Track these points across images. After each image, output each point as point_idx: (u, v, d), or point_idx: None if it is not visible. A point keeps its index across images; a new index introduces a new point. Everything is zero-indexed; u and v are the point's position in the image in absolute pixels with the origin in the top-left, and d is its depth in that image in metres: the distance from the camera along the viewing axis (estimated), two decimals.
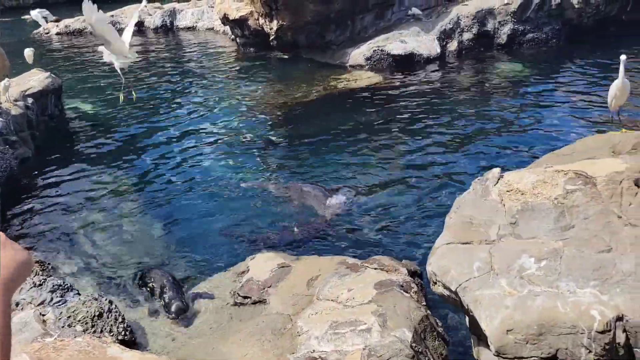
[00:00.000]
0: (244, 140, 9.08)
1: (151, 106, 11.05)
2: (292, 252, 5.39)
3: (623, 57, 4.86)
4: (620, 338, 2.44)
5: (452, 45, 12.80)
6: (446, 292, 3.08)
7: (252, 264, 4.67)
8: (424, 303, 3.86)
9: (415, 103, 10.06)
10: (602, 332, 2.44)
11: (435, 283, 3.19)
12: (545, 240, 3.05)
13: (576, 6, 12.88)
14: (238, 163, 8.17)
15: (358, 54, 12.57)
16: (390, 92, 10.82)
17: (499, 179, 3.72)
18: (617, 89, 5.58)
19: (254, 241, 6.04)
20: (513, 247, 3.05)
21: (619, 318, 2.45)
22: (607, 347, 2.44)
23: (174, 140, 9.20)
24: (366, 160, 7.88)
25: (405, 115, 9.50)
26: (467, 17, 12.74)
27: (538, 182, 3.51)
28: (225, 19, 14.86)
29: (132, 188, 7.55)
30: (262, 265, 4.59)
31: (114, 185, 7.62)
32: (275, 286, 4.26)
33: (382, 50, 12.37)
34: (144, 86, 12.39)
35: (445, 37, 12.75)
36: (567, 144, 4.17)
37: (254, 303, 4.20)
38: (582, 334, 2.48)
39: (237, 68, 13.78)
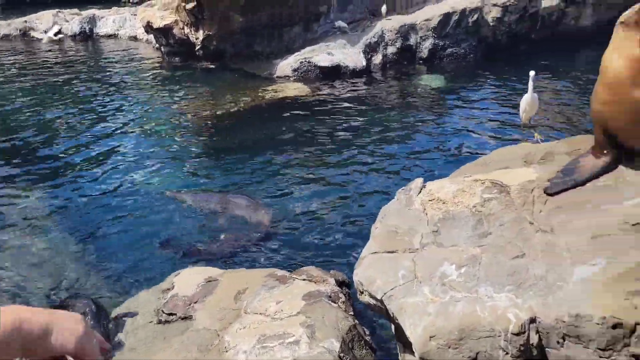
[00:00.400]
0: (168, 151, 8.85)
1: (68, 117, 10.53)
2: (219, 266, 5.29)
3: (532, 73, 5.17)
4: (534, 339, 2.57)
5: (377, 58, 13.16)
6: (372, 301, 3.13)
7: (177, 280, 4.53)
8: (352, 313, 3.90)
9: (342, 114, 10.23)
10: (517, 334, 2.56)
11: (362, 292, 3.23)
12: (465, 248, 3.17)
13: (491, 24, 13.63)
14: (162, 175, 7.94)
15: (286, 65, 12.64)
16: (317, 103, 10.95)
17: (421, 189, 3.83)
18: (526, 103, 5.95)
19: (180, 256, 5.88)
20: (435, 255, 3.15)
21: (532, 320, 2.59)
22: (522, 348, 2.57)
23: (93, 153, 8.82)
24: (294, 170, 7.90)
25: (333, 126, 9.63)
26: (391, 31, 13.16)
27: (458, 191, 3.65)
28: (148, 27, 14.48)
29: (47, 205, 7.14)
30: (187, 280, 4.46)
31: (24, 202, 7.17)
32: (202, 301, 4.15)
33: (309, 62, 12.51)
34: (60, 97, 11.80)
35: (370, 50, 13.09)
36: (485, 154, 4.36)
37: (180, 319, 4.08)
38: (499, 336, 2.59)
39: (162, 78, 13.45)
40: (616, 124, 3.21)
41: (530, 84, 5.08)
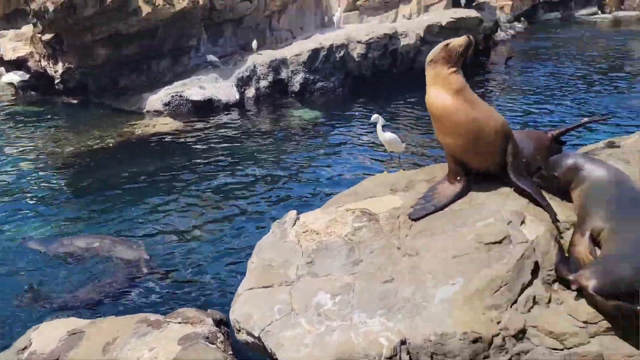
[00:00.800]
0: (26, 194, 8.10)
1: None
2: (86, 315, 4.89)
3: (374, 117, 4.92)
4: None
5: (250, 92, 13.27)
6: (250, 339, 3.08)
7: (35, 335, 4.11)
8: (231, 352, 3.80)
9: (216, 148, 10.12)
10: (390, 358, 2.66)
11: (240, 331, 3.17)
12: (338, 276, 3.25)
13: (356, 60, 14.42)
14: (20, 221, 7.24)
15: (155, 100, 12.27)
16: (190, 137, 10.73)
17: (296, 221, 3.89)
18: (383, 142, 6.20)
19: (41, 308, 5.35)
20: (310, 285, 3.19)
21: (403, 342, 2.71)
22: None
23: None
24: (168, 207, 7.62)
25: (206, 160, 9.48)
26: (263, 65, 13.38)
27: (331, 222, 3.75)
28: None
29: None
30: (48, 334, 4.06)
31: None
32: (65, 357, 3.80)
33: (180, 96, 12.27)
34: None
35: (243, 84, 13.18)
36: (355, 183, 4.53)
37: None
38: None
39: (16, 114, 12.34)
40: (458, 150, 3.54)
41: (378, 127, 5.08)
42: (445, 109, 3.49)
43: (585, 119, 4.42)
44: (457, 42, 3.54)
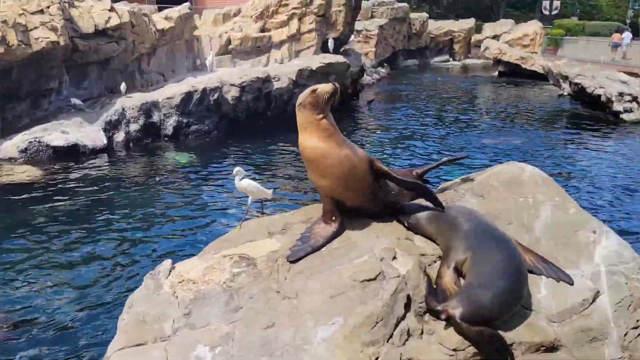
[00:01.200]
0: None
1: None
2: None
3: (236, 171, 4.38)
4: None
5: (119, 136, 12.70)
6: None
7: None
8: None
9: (80, 197, 9.45)
10: None
11: None
12: (217, 326, 3.14)
13: (230, 102, 14.48)
14: None
15: (11, 146, 11.25)
16: (51, 186, 9.93)
17: (170, 271, 3.72)
18: (240, 190, 5.46)
19: None
20: (188, 339, 3.05)
21: None
22: None
23: None
24: (24, 266, 6.90)
25: (70, 210, 8.81)
26: (133, 108, 12.91)
27: (208, 269, 3.64)
28: None
29: None
30: None
31: None
32: None
33: (39, 142, 11.38)
34: None
35: (111, 128, 12.59)
36: (231, 228, 4.47)
37: None
38: None
39: None
40: (333, 190, 3.67)
41: (236, 180, 4.50)
42: (318, 153, 3.61)
43: (445, 159, 4.80)
44: (324, 88, 3.66)
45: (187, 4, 16.70)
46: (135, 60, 14.53)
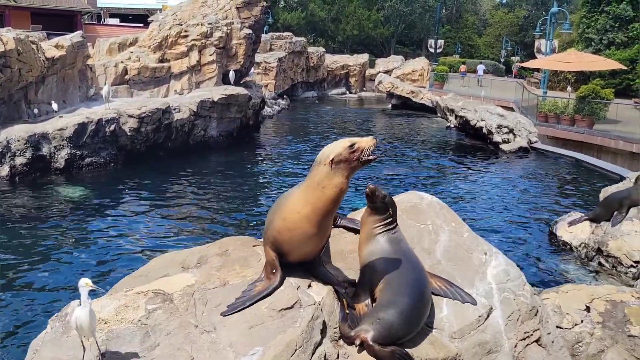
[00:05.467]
0: None
1: None
2: None
3: (81, 282, 3.39)
4: None
5: (4, 170, 11.82)
6: None
7: None
8: None
9: None
10: None
11: None
12: None
13: (128, 134, 14.02)
14: None
15: None
16: None
17: None
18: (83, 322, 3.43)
19: None
20: None
21: None
22: None
23: None
24: None
25: None
26: (19, 141, 12.08)
27: (121, 307, 3.54)
28: None
29: None
30: None
31: None
32: None
33: None
34: None
35: None
36: (136, 264, 4.37)
37: None
38: None
39: None
40: (287, 247, 3.54)
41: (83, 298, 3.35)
42: (297, 217, 3.46)
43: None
44: (367, 143, 3.10)
45: (79, 32, 16.06)
46: (21, 89, 13.65)
